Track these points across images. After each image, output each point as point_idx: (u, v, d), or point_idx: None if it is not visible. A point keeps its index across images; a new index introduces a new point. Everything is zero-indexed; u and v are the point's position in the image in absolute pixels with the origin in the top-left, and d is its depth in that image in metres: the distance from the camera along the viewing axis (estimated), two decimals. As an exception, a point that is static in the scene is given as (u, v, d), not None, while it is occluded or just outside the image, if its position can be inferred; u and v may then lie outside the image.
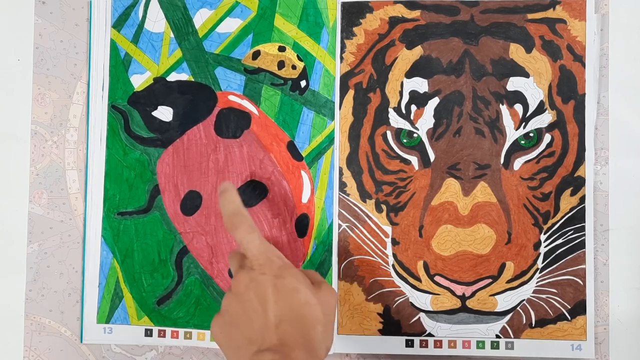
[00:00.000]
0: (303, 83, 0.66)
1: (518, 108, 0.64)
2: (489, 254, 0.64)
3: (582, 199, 0.64)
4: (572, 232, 0.64)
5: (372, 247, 0.65)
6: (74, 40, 0.67)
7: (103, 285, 0.66)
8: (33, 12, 0.68)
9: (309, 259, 0.65)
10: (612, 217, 0.64)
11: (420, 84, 0.65)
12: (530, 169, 0.64)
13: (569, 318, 0.64)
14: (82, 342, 0.66)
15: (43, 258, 0.67)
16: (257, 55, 0.66)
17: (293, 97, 0.66)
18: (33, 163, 0.67)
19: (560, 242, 0.64)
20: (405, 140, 0.65)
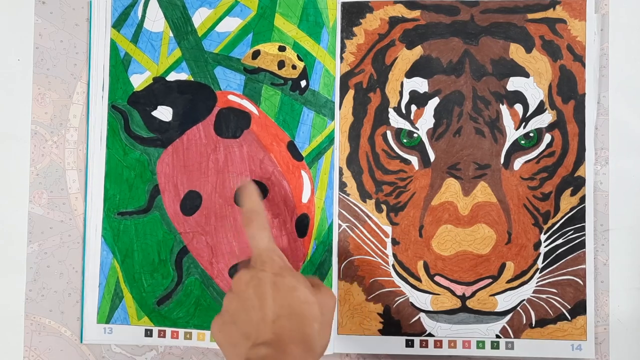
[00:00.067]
0: (303, 83, 0.66)
1: (518, 108, 0.64)
2: (489, 254, 0.64)
3: (582, 199, 0.64)
4: (572, 232, 0.64)
5: (372, 247, 0.65)
6: (74, 40, 0.67)
7: (103, 286, 0.66)
8: (33, 12, 0.68)
9: (309, 259, 0.65)
10: (612, 217, 0.64)
11: (420, 84, 0.65)
12: (531, 169, 0.64)
13: (569, 318, 0.64)
14: (82, 342, 0.66)
15: (43, 258, 0.67)
16: (257, 55, 0.66)
17: (293, 97, 0.66)
18: (33, 163, 0.67)
19: (561, 242, 0.64)
20: (405, 140, 0.65)
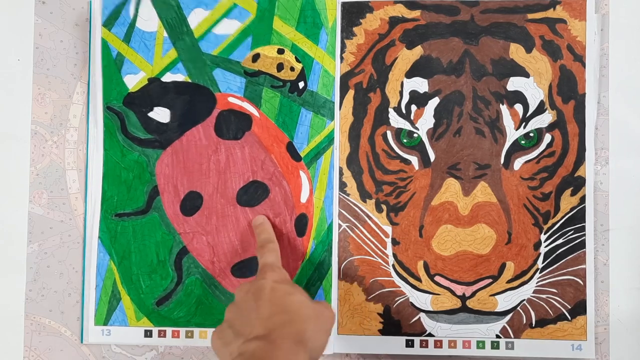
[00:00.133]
0: (301, 84, 0.66)
1: (518, 108, 0.64)
2: (489, 254, 0.64)
3: (582, 199, 0.64)
4: (572, 232, 0.64)
5: (372, 247, 0.65)
6: (74, 40, 0.67)
7: (100, 288, 0.66)
8: (33, 12, 0.68)
9: (308, 259, 0.65)
10: (612, 217, 0.64)
11: (421, 84, 0.65)
12: (531, 169, 0.64)
13: (569, 318, 0.64)
14: (82, 342, 0.66)
15: (43, 258, 0.67)
16: (257, 58, 0.66)
17: (292, 98, 0.66)
18: (33, 163, 0.67)
19: (561, 242, 0.64)
20: (406, 140, 0.65)
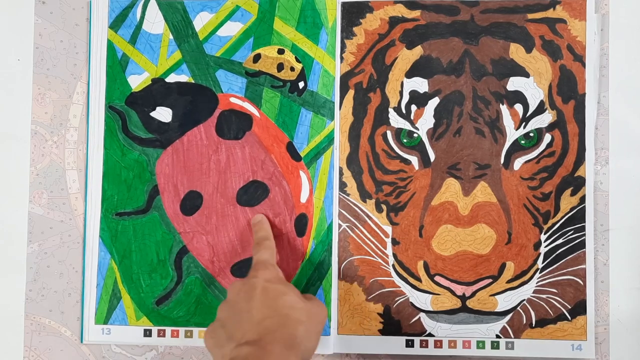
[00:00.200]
0: (301, 84, 0.66)
1: (518, 108, 0.64)
2: (489, 254, 0.64)
3: (582, 199, 0.64)
4: (572, 232, 0.64)
5: (372, 247, 0.65)
6: (74, 40, 0.67)
7: (101, 286, 0.66)
8: (33, 12, 0.68)
9: (308, 258, 0.65)
10: (612, 217, 0.64)
11: (421, 84, 0.65)
12: (531, 169, 0.64)
13: (569, 318, 0.64)
14: (82, 342, 0.66)
15: (43, 258, 0.67)
16: (257, 59, 0.66)
17: (292, 98, 0.66)
18: (33, 163, 0.67)
19: (561, 242, 0.64)
20: (406, 140, 0.65)
